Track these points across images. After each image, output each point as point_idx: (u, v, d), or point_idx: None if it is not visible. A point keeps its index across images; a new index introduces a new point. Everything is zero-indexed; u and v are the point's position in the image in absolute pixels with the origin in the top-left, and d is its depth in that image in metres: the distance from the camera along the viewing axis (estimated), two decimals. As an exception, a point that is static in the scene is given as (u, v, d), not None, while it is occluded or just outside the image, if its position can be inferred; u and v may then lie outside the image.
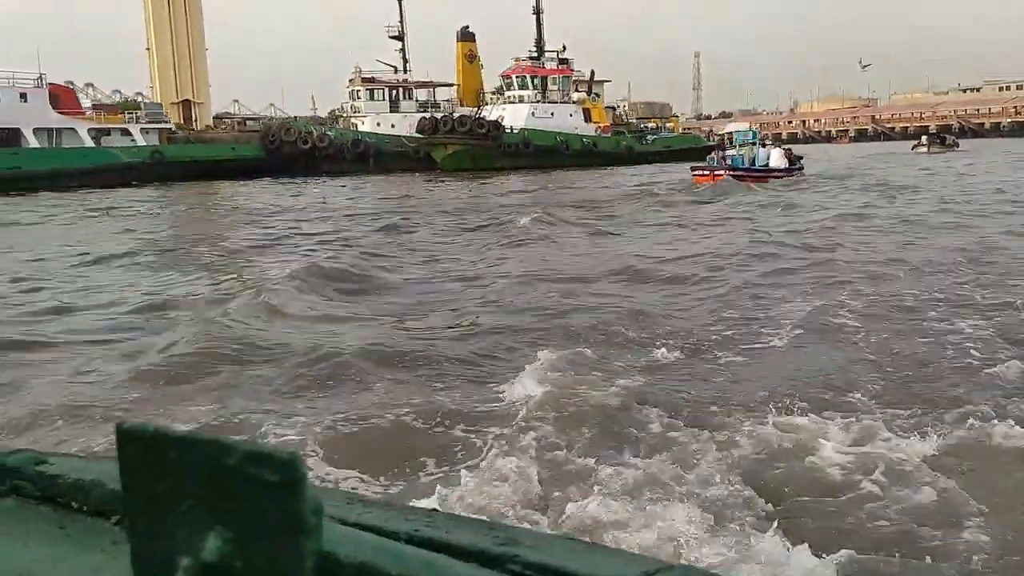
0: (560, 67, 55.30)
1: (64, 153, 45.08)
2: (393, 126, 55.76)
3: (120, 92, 73.88)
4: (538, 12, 55.58)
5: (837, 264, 11.76)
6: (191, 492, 0.51)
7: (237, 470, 0.48)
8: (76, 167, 43.81)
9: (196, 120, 66.67)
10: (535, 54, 55.34)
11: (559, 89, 54.55)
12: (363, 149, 52.81)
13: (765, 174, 28.91)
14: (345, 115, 58.40)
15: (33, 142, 45.74)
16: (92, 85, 66.58)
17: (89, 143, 47.32)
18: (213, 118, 68.95)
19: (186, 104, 70.11)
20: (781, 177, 29.01)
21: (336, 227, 19.66)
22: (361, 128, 55.65)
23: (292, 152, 51.61)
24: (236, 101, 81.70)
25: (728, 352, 7.26)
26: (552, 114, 52.83)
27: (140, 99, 69.86)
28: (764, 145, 32.46)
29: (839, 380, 6.34)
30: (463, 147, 47.80)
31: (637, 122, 73.85)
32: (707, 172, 28.90)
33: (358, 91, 57.18)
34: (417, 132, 50.00)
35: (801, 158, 32.13)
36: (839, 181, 29.96)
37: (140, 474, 0.55)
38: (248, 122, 62.03)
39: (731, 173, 28.13)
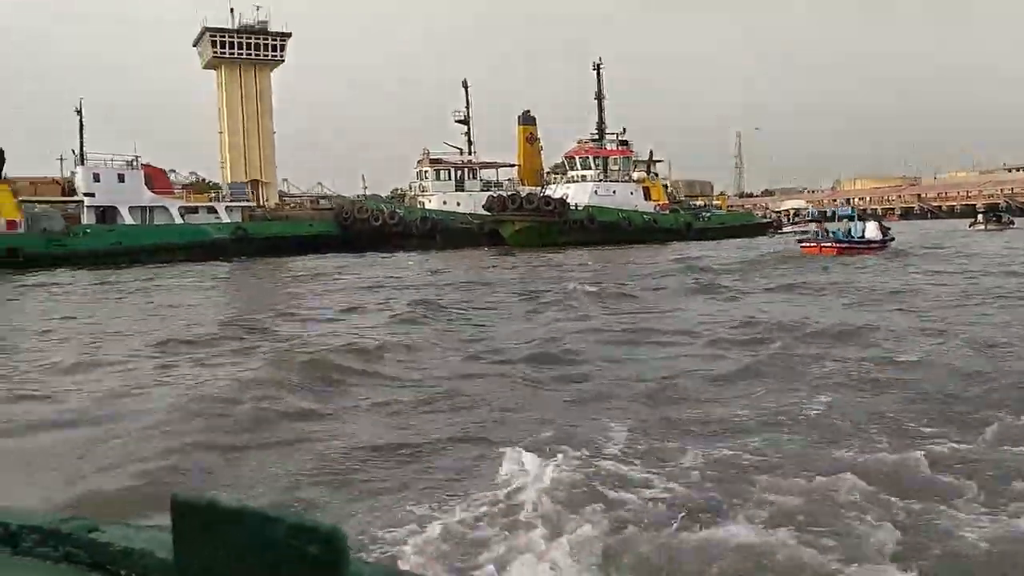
0: (620, 148, 57.92)
1: (161, 230, 48.03)
2: (459, 204, 58.40)
3: (196, 174, 78.01)
4: (600, 98, 58.62)
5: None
6: (239, 563, 0.53)
7: (283, 543, 0.51)
8: (170, 242, 46.66)
9: (265, 199, 70.09)
10: (596, 136, 58.06)
11: (620, 169, 57.10)
12: (431, 226, 55.40)
13: (866, 245, 31.79)
14: (413, 193, 61.19)
15: (128, 219, 48.83)
16: (174, 171, 70.55)
17: (179, 220, 50.36)
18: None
19: (254, 184, 73.45)
20: (877, 248, 31.41)
21: (431, 293, 21.50)
22: (428, 206, 58.37)
23: (364, 229, 54.26)
24: (285, 180, 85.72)
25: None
26: (614, 192, 55.20)
27: (208, 180, 74.00)
28: (861, 219, 35.32)
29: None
30: (530, 223, 50.02)
31: (685, 199, 75.98)
32: (814, 244, 32.13)
33: (426, 171, 60.10)
34: (485, 209, 52.40)
35: (889, 229, 34.72)
36: (932, 251, 32.13)
37: (192, 544, 0.58)
38: (321, 200, 65.12)
39: (836, 244, 31.33)
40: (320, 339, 12.82)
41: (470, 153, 61.68)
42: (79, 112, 51.54)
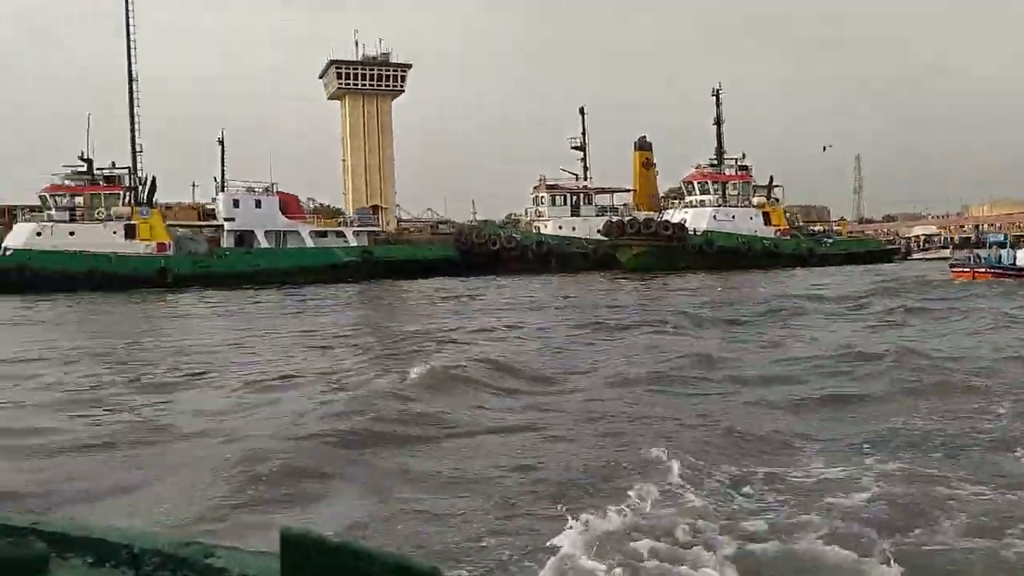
0: (740, 173, 57.43)
1: (295, 253, 50.60)
2: (574, 229, 59.10)
3: (313, 200, 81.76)
4: (719, 123, 58.36)
5: None
6: None
7: None
8: (304, 265, 49.11)
9: (385, 223, 72.67)
10: (715, 161, 57.78)
11: (739, 194, 56.59)
12: (546, 250, 56.30)
13: (1017, 272, 31.07)
14: (528, 219, 62.27)
15: (264, 243, 51.70)
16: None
17: (310, 244, 52.94)
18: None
19: (374, 209, 76.14)
20: None
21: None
22: (544, 231, 59.31)
23: (482, 253, 55.62)
24: (398, 206, 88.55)
25: None
26: (733, 217, 54.73)
27: (330, 205, 77.44)
28: (1013, 246, 34.47)
29: None
30: (648, 248, 50.17)
31: (804, 225, 74.31)
32: (967, 269, 32.01)
33: (542, 197, 61.12)
34: (603, 234, 52.88)
35: None
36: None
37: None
38: (440, 225, 67.09)
39: (991, 270, 31.09)
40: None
41: (586, 179, 62.37)
42: (221, 142, 55.17)
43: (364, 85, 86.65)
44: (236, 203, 52.10)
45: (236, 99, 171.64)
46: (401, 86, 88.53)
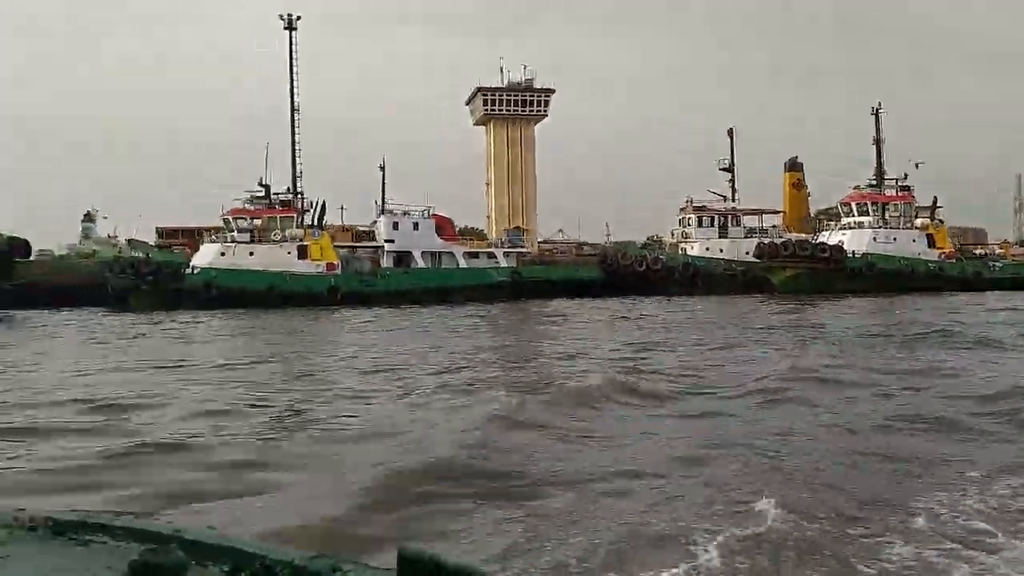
0: (901, 193, 55.43)
1: (453, 272, 52.69)
2: (721, 250, 58.55)
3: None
4: (878, 142, 56.59)
5: None
6: None
7: None
8: (460, 284, 51.04)
9: (529, 244, 74.14)
10: (874, 181, 56.02)
11: (901, 215, 54.60)
12: (693, 271, 56.02)
13: None
14: (673, 240, 62.21)
15: (420, 263, 54.04)
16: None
17: (463, 264, 54.90)
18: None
19: (516, 230, 77.71)
20: None
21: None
22: (690, 252, 59.09)
23: (627, 273, 55.97)
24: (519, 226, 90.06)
25: None
26: (894, 239, 52.85)
27: (473, 228, 79.73)
28: None
29: None
30: (803, 270, 49.17)
31: (967, 247, 70.58)
32: None
33: (689, 218, 60.94)
34: (756, 256, 52.21)
35: None
36: None
37: None
38: (584, 247, 68.00)
39: None
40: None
41: (733, 200, 61.77)
42: (382, 168, 58.14)
43: (509, 111, 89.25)
44: (396, 225, 54.72)
45: (381, 124, 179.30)
46: (544, 111, 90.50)
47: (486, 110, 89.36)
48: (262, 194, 49.47)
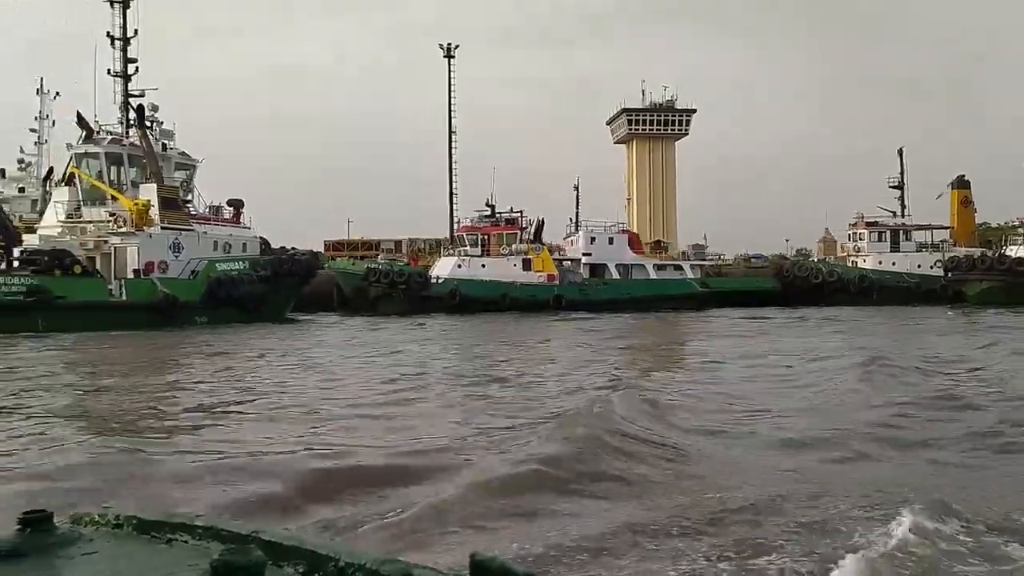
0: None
1: (658, 283, 57.08)
2: (894, 264, 61.70)
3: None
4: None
5: None
6: None
7: None
8: (664, 294, 55.32)
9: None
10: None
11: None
12: (867, 284, 59.30)
13: None
14: (845, 253, 65.54)
15: (615, 274, 58.59)
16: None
17: (653, 276, 59.21)
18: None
19: (657, 244, 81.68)
20: None
21: None
22: (861, 265, 62.36)
23: (803, 286, 59.59)
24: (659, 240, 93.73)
25: None
26: (1084, 252, 55.28)
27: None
28: None
29: None
30: (998, 283, 52.08)
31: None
32: None
33: (861, 233, 64.22)
34: (947, 269, 55.32)
35: None
36: None
37: None
38: (752, 260, 71.76)
39: None
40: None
41: (903, 216, 64.83)
42: (576, 188, 63.00)
43: (651, 130, 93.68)
44: (593, 240, 59.47)
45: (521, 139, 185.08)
46: (685, 129, 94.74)
47: (629, 129, 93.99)
48: (488, 213, 54.72)
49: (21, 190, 52.00)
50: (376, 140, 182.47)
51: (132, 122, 37.92)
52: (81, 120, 37.17)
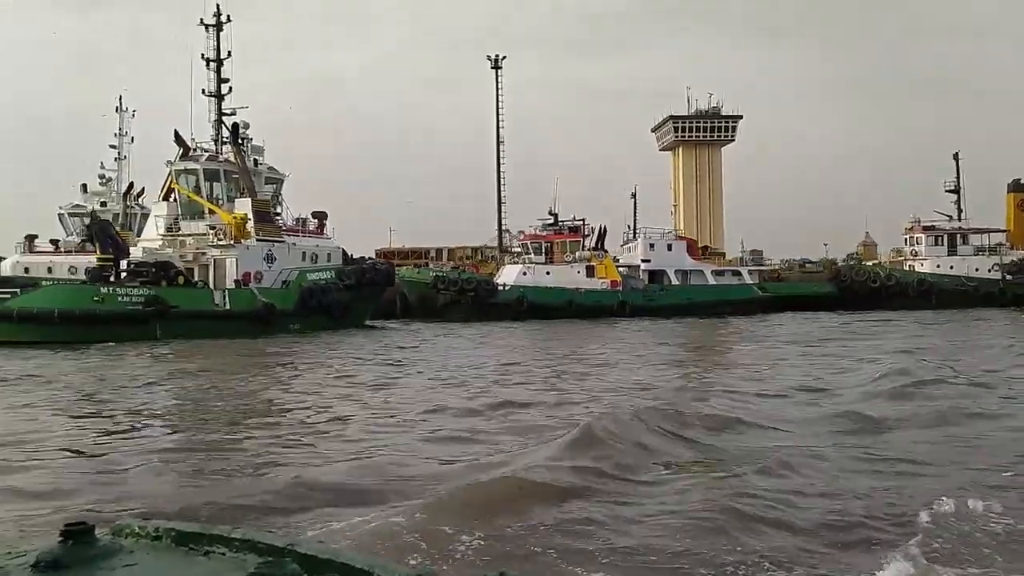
0: None
1: (724, 288, 57.88)
2: (951, 267, 61.98)
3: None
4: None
5: None
6: None
7: None
8: (726, 299, 56.14)
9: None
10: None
11: None
12: (926, 287, 59.64)
13: None
14: (902, 257, 65.89)
15: (674, 280, 59.44)
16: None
17: (712, 282, 60.01)
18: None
19: (703, 250, 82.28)
20: None
21: None
22: (919, 269, 62.69)
23: (861, 290, 60.06)
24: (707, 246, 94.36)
25: None
26: None
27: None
28: None
29: None
30: (1063, 287, 52.48)
31: None
32: None
33: (918, 237, 64.57)
34: (1011, 273, 55.68)
35: None
36: None
37: None
38: (806, 264, 72.36)
39: None
40: None
41: (959, 220, 65.06)
42: (634, 196, 64.08)
43: (697, 137, 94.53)
44: (652, 247, 60.43)
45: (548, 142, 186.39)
46: (732, 136, 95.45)
47: (676, 136, 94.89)
48: (551, 221, 55.98)
49: (103, 204, 54.04)
50: (412, 151, 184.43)
51: (226, 139, 39.69)
52: (178, 138, 38.98)
